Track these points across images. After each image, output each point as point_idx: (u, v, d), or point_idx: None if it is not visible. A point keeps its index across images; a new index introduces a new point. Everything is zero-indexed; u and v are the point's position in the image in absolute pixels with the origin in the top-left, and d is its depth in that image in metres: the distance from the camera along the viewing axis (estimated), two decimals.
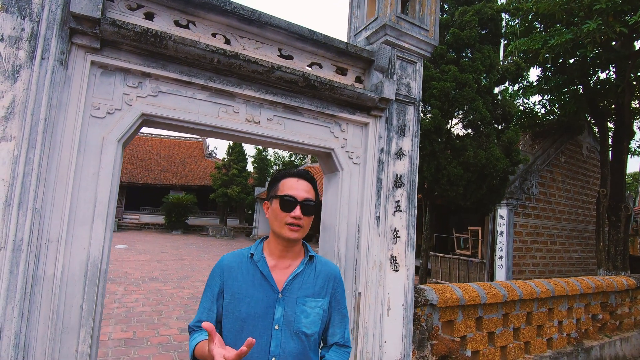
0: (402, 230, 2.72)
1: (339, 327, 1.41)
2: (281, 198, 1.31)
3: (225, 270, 1.33)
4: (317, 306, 1.32)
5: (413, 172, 2.81)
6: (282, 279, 1.32)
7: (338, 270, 1.46)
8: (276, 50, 2.39)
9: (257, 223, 23.64)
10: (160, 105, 2.03)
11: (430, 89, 5.82)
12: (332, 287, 1.40)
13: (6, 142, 1.58)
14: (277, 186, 1.35)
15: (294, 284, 1.32)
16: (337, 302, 1.41)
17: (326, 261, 1.46)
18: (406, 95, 2.78)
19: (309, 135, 2.45)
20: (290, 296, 1.30)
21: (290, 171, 1.39)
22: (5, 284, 1.53)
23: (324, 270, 1.40)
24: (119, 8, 1.97)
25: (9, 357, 1.51)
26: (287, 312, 1.28)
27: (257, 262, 1.33)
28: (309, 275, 1.36)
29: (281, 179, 1.37)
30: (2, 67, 1.59)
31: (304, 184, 1.35)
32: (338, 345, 1.40)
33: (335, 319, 1.40)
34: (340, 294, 1.43)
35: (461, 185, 5.87)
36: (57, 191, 1.74)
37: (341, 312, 1.42)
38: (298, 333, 1.27)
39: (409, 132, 2.80)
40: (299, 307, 1.29)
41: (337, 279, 1.43)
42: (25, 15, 1.64)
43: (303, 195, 1.32)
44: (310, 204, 1.32)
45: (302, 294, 1.31)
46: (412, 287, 2.69)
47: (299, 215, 1.29)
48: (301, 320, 1.28)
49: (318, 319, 1.31)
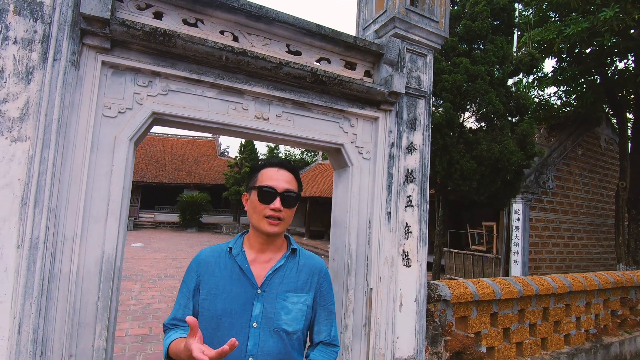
0: (413, 225, 2.69)
1: (325, 324, 1.32)
2: (259, 189, 1.22)
3: (202, 265, 1.26)
4: (299, 302, 1.24)
5: (424, 166, 2.77)
6: (261, 273, 1.24)
7: (323, 264, 1.37)
8: (284, 46, 2.38)
9: None
10: (171, 104, 2.05)
11: (441, 82, 5.73)
12: (317, 281, 1.31)
13: (21, 143, 1.62)
14: (257, 177, 1.27)
15: (275, 279, 1.24)
16: (323, 298, 1.32)
17: (311, 255, 1.38)
18: (416, 88, 2.74)
19: (318, 131, 2.44)
20: (270, 292, 1.22)
21: (271, 160, 1.31)
22: (23, 281, 1.56)
23: (308, 264, 1.32)
24: (128, 8, 1.98)
25: (27, 352, 1.55)
26: (267, 309, 1.20)
27: (236, 257, 1.25)
28: (291, 270, 1.28)
29: (261, 169, 1.29)
30: (16, 69, 1.62)
31: (285, 174, 1.27)
32: (324, 344, 1.32)
33: (320, 316, 1.32)
34: (326, 289, 1.34)
35: (474, 179, 5.77)
36: (72, 190, 1.78)
37: (327, 309, 1.34)
38: (278, 331, 1.19)
39: (419, 126, 2.76)
40: (279, 303, 1.21)
41: (323, 273, 1.34)
42: (37, 18, 1.67)
43: (283, 186, 1.23)
44: (291, 195, 1.24)
45: (283, 289, 1.23)
46: (424, 283, 2.67)
47: (279, 207, 1.21)
48: (281, 316, 1.20)
49: (301, 315, 1.24)
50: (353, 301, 2.48)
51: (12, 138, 1.61)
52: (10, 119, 1.61)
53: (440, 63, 5.92)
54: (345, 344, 2.45)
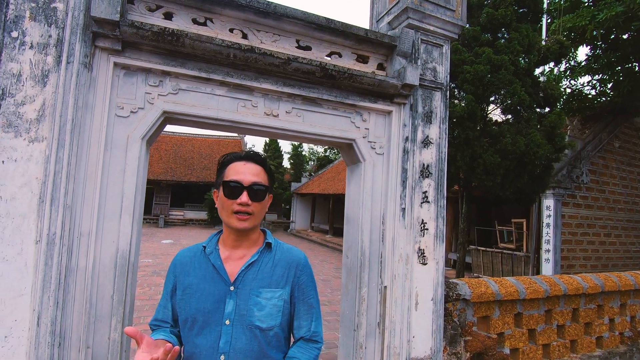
0: (430, 222, 2.61)
1: (304, 319, 1.28)
2: (226, 184, 1.20)
3: (178, 266, 1.26)
4: (274, 297, 1.20)
5: (441, 161, 2.68)
6: (235, 270, 1.22)
7: (302, 257, 1.32)
8: (294, 41, 2.36)
9: (294, 217, 24.00)
10: (181, 103, 2.08)
11: (462, 73, 5.52)
12: (295, 274, 1.26)
13: (39, 143, 1.69)
14: (224, 172, 1.25)
15: (248, 275, 1.21)
16: (301, 292, 1.28)
17: (290, 248, 1.34)
18: (432, 80, 2.66)
19: (329, 126, 2.41)
20: (244, 288, 1.19)
21: (238, 154, 1.28)
22: (41, 275, 1.63)
23: (285, 258, 1.28)
24: (139, 10, 2.03)
25: (46, 343, 1.62)
26: (240, 306, 1.17)
27: (210, 255, 1.24)
28: (266, 265, 1.25)
29: (228, 163, 1.26)
30: (33, 73, 1.69)
31: (252, 167, 1.24)
32: (305, 340, 1.27)
33: (300, 311, 1.27)
34: (305, 283, 1.29)
35: (499, 174, 5.53)
36: (87, 188, 1.84)
37: (307, 303, 1.28)
38: (252, 327, 1.16)
39: (436, 119, 2.67)
40: (252, 299, 1.18)
41: (301, 265, 1.29)
42: (52, 23, 1.73)
43: (250, 179, 1.20)
44: (259, 189, 1.21)
45: (256, 285, 1.20)
46: (442, 281, 2.59)
47: (246, 201, 1.18)
48: (254, 313, 1.17)
49: (276, 311, 1.20)
50: (367, 299, 2.44)
51: (30, 139, 1.68)
52: (27, 121, 1.68)
53: (461, 54, 5.70)
54: (359, 342, 2.41)
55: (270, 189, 1.29)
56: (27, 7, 1.69)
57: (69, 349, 1.74)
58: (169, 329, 1.21)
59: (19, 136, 1.66)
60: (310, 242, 19.67)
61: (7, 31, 1.65)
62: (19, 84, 1.67)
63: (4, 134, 1.63)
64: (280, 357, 1.22)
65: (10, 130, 1.65)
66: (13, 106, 1.66)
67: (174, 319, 1.23)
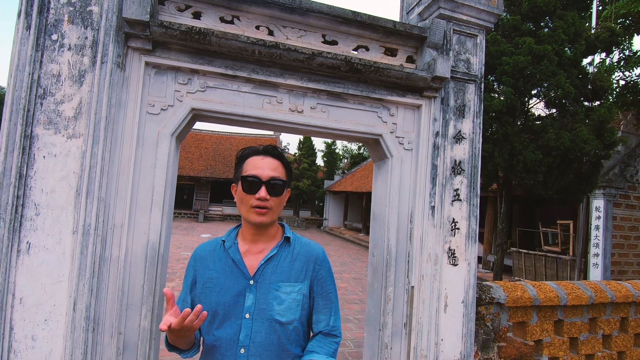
0: (461, 221, 2.50)
1: (323, 313, 1.27)
2: (244, 179, 1.20)
3: (198, 260, 1.27)
4: (293, 291, 1.20)
5: (475, 157, 2.56)
6: (254, 264, 1.23)
7: (321, 251, 1.31)
8: (320, 36, 2.34)
9: (327, 215, 24.05)
10: (208, 100, 2.12)
11: (501, 65, 5.21)
12: (313, 269, 1.26)
13: (76, 139, 1.79)
14: (242, 166, 1.25)
15: (267, 269, 1.22)
16: (320, 286, 1.27)
17: (308, 242, 1.33)
18: (465, 72, 2.53)
19: (355, 121, 2.37)
20: (263, 282, 1.20)
21: (255, 148, 1.28)
22: (77, 264, 1.73)
23: (303, 252, 1.27)
24: (169, 10, 2.09)
25: (81, 327, 1.72)
26: (259, 299, 1.18)
27: (229, 249, 1.25)
28: (284, 259, 1.25)
29: (245, 158, 1.26)
30: (71, 73, 1.79)
31: (270, 162, 1.23)
32: (323, 334, 1.26)
33: (319, 305, 1.27)
34: (323, 277, 1.28)
35: (540, 172, 5.16)
36: (120, 182, 1.93)
37: (326, 297, 1.28)
38: (271, 321, 1.17)
39: (469, 112, 2.55)
40: (272, 293, 1.18)
41: (320, 260, 1.28)
42: (88, 25, 1.83)
43: (268, 174, 1.20)
44: (277, 183, 1.21)
45: (275, 279, 1.20)
46: (473, 284, 2.47)
47: (264, 196, 1.18)
48: (274, 307, 1.17)
49: (295, 305, 1.20)
50: (392, 299, 2.38)
51: (68, 135, 1.78)
52: (66, 118, 1.78)
53: (499, 45, 5.38)
54: (384, 342, 2.36)
55: (288, 184, 1.29)
56: (65, 10, 1.79)
57: (102, 334, 1.84)
58: None
59: (58, 133, 1.77)
60: (343, 240, 19.63)
61: (48, 34, 1.76)
62: (59, 84, 1.78)
63: (45, 130, 1.75)
64: (299, 352, 1.22)
65: (50, 127, 1.76)
66: (53, 105, 1.76)
67: None
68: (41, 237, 1.72)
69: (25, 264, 1.69)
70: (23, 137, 1.70)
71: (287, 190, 1.30)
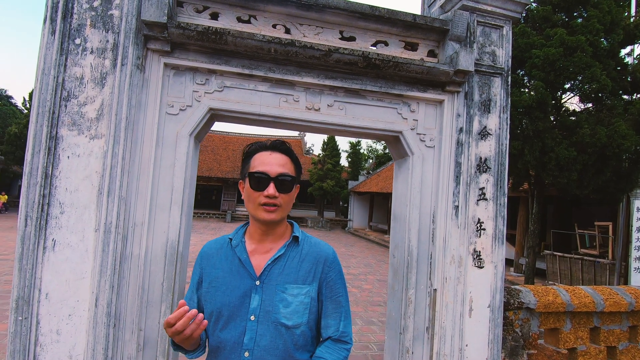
0: (487, 221, 2.38)
1: (333, 317, 1.20)
2: (252, 176, 1.16)
3: (204, 258, 1.24)
4: (300, 294, 1.15)
5: (502, 154, 2.43)
6: (261, 264, 1.18)
7: (331, 252, 1.24)
8: (337, 33, 2.30)
9: (352, 216, 23.91)
10: (226, 100, 2.13)
11: (531, 58, 4.94)
12: (322, 271, 1.19)
13: (98, 140, 1.84)
14: (249, 162, 1.20)
15: (274, 269, 1.16)
16: (330, 289, 1.20)
17: (317, 242, 1.26)
18: (490, 65, 2.42)
19: (373, 118, 2.31)
20: (269, 283, 1.14)
21: (263, 143, 1.23)
22: (99, 261, 1.78)
23: (312, 253, 1.21)
24: (187, 12, 2.11)
25: (103, 323, 1.76)
26: (265, 301, 1.13)
27: (235, 248, 1.21)
28: (292, 259, 1.19)
29: (253, 153, 1.21)
30: (93, 76, 1.85)
31: (278, 157, 1.19)
32: (333, 340, 1.19)
33: (328, 309, 1.20)
34: (333, 279, 1.21)
35: (574, 170, 4.84)
36: (141, 181, 1.96)
37: (335, 301, 1.21)
38: (277, 324, 1.11)
39: (495, 107, 2.43)
40: (278, 295, 1.13)
41: (329, 261, 1.22)
42: (109, 29, 1.87)
43: (277, 170, 1.15)
44: (286, 179, 1.16)
45: (282, 280, 1.15)
46: (500, 287, 2.34)
47: (273, 193, 1.13)
48: (280, 309, 1.12)
49: (303, 308, 1.14)
50: (414, 301, 2.30)
51: (91, 136, 1.83)
52: (89, 120, 1.83)
53: (529, 37, 5.11)
54: (405, 346, 2.28)
55: (297, 180, 1.24)
56: (88, 15, 1.85)
57: (123, 330, 1.87)
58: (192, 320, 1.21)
59: (82, 134, 1.82)
60: (368, 241, 19.44)
61: (72, 39, 1.82)
62: (82, 86, 1.83)
63: (69, 131, 1.80)
64: (307, 358, 1.17)
65: (74, 129, 1.81)
66: (76, 106, 1.82)
67: (199, 311, 1.19)
68: (65, 235, 1.77)
69: (51, 261, 1.75)
70: (48, 138, 1.76)
71: (296, 186, 1.25)
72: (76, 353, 1.75)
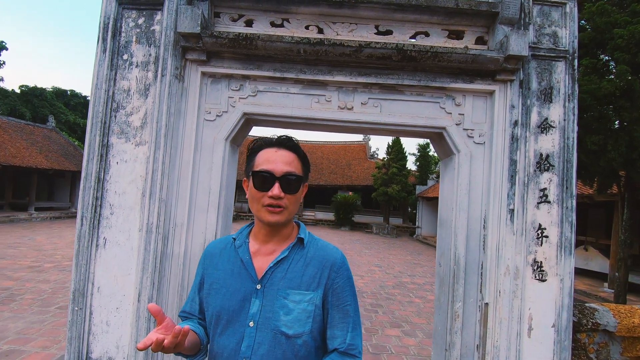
0: (551, 227, 2.06)
1: (339, 328, 1.08)
2: (255, 174, 1.08)
3: (207, 258, 1.18)
4: (303, 300, 1.05)
5: (568, 149, 2.10)
6: (263, 266, 1.09)
7: (339, 257, 1.13)
8: (372, 28, 2.20)
9: (420, 222, 22.89)
10: (259, 104, 2.16)
11: (612, 39, 4.18)
12: (328, 277, 1.08)
13: (142, 146, 1.99)
14: (254, 160, 1.12)
15: (277, 273, 1.07)
16: (336, 297, 1.09)
17: (325, 245, 1.15)
18: (551, 48, 2.11)
19: (412, 114, 2.15)
20: (271, 287, 1.06)
21: (268, 139, 1.13)
22: (142, 259, 1.91)
23: (318, 256, 1.10)
24: (224, 22, 2.20)
25: (144, 318, 1.88)
26: (265, 307, 1.04)
27: (239, 248, 1.13)
28: (297, 263, 1.09)
29: (257, 150, 1.13)
30: (138, 87, 2.01)
31: (284, 154, 1.09)
32: (339, 352, 1.07)
33: (334, 318, 1.09)
34: (340, 286, 1.09)
35: None
36: (181, 184, 2.08)
37: (342, 310, 1.09)
38: (276, 333, 1.02)
39: (558, 96, 2.11)
40: (279, 301, 1.04)
41: (337, 266, 1.11)
42: (151, 43, 2.03)
43: (282, 169, 1.07)
44: (292, 179, 1.07)
45: (284, 285, 1.06)
46: (568, 304, 2.00)
47: (278, 194, 1.05)
48: (280, 317, 1.03)
49: (305, 316, 1.04)
50: (461, 316, 2.08)
51: (136, 143, 1.99)
52: (134, 128, 2.00)
53: (609, 15, 4.34)
54: None
55: (305, 179, 1.16)
56: (133, 32, 2.02)
57: None
58: (196, 321, 1.17)
59: (128, 141, 1.99)
60: None
61: (120, 55, 2.01)
62: (128, 98, 2.00)
63: (117, 139, 1.98)
64: None
65: (122, 137, 1.99)
66: (124, 116, 1.99)
67: (201, 312, 1.18)
68: (114, 234, 1.94)
69: (102, 257, 1.93)
70: (101, 146, 1.96)
71: (304, 185, 1.17)
72: (122, 344, 1.89)
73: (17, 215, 15.93)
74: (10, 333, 4.17)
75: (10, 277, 6.60)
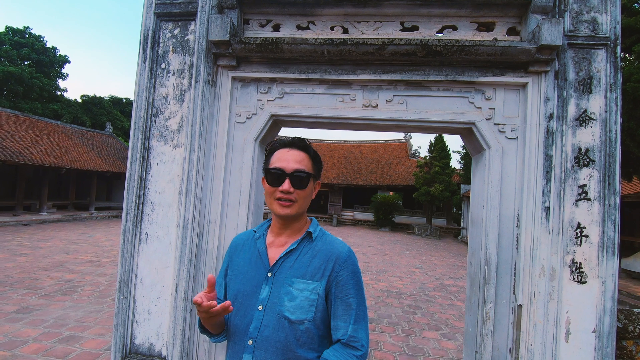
0: (590, 226, 1.94)
1: (342, 320, 1.14)
2: (269, 171, 1.21)
3: (232, 248, 1.33)
4: (306, 289, 1.13)
5: (611, 143, 1.96)
6: (275, 256, 1.21)
7: (345, 251, 1.20)
8: (397, 24, 2.20)
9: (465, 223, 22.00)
10: (285, 105, 2.24)
11: None
12: (333, 269, 1.16)
13: (179, 148, 2.14)
14: (269, 159, 1.25)
15: (286, 263, 1.18)
16: (339, 289, 1.15)
17: (332, 240, 1.24)
18: (590, 35, 1.98)
19: (439, 110, 2.12)
20: (279, 275, 1.16)
21: (283, 141, 1.25)
22: (178, 253, 2.06)
23: (324, 250, 1.19)
24: (253, 28, 2.30)
25: (180, 308, 2.03)
26: (273, 293, 1.14)
27: (257, 240, 1.27)
28: (304, 254, 1.19)
29: (273, 150, 1.25)
30: (175, 94, 2.16)
31: (295, 154, 1.21)
32: (342, 344, 1.13)
33: (338, 310, 1.15)
34: (344, 279, 1.16)
35: None
36: (214, 183, 2.20)
37: (345, 302, 1.15)
38: (280, 317, 1.12)
39: (598, 86, 1.98)
40: (285, 288, 1.14)
41: (341, 260, 1.18)
42: (186, 52, 2.17)
43: (292, 167, 1.18)
44: (301, 175, 1.18)
45: (291, 274, 1.15)
46: (611, 308, 1.87)
47: (287, 188, 1.16)
48: (284, 302, 1.12)
49: (308, 304, 1.12)
50: (492, 317, 2.01)
51: (173, 145, 2.14)
52: (172, 131, 2.15)
53: None
54: None
55: (315, 176, 1.26)
56: (170, 42, 2.18)
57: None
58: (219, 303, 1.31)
59: (167, 144, 2.14)
60: None
61: (159, 64, 2.17)
62: (166, 104, 2.16)
63: (157, 142, 2.15)
64: (312, 356, 1.14)
65: (161, 140, 2.15)
66: (163, 121, 2.16)
67: (226, 297, 1.29)
68: (155, 229, 2.10)
69: (144, 251, 2.10)
70: (142, 149, 2.13)
71: (316, 183, 1.28)
72: (162, 331, 2.05)
73: (80, 214, 17.45)
74: (71, 321, 4.61)
75: (72, 271, 7.28)
